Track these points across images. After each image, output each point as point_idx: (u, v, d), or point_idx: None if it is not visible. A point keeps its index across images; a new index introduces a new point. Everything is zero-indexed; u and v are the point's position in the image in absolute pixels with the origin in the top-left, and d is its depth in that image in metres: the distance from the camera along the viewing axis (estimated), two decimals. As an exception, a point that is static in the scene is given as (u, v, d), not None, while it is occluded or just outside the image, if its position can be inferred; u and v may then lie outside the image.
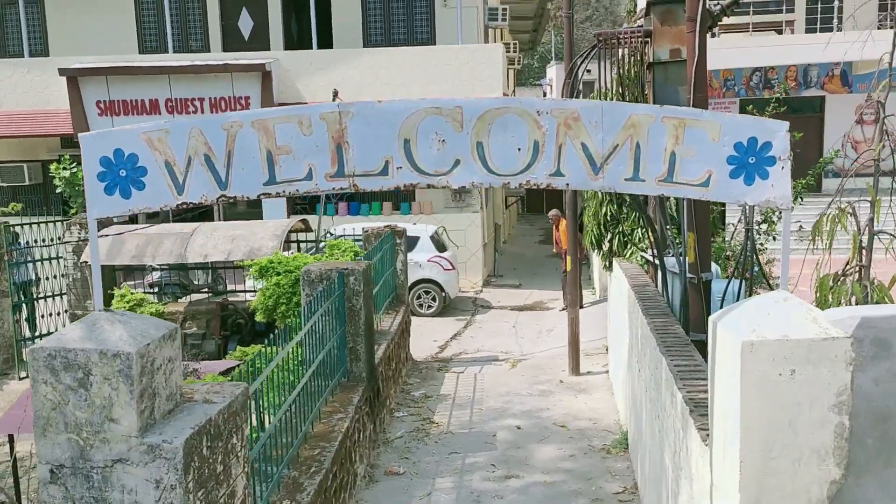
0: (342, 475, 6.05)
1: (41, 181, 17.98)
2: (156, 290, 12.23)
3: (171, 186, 2.92)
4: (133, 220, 17.32)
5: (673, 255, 7.17)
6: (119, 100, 16.47)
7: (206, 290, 12.51)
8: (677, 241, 8.03)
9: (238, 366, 5.65)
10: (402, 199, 17.59)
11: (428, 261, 14.61)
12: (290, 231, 11.50)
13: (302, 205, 17.79)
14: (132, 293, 10.76)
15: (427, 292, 14.70)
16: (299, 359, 6.72)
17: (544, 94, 63.33)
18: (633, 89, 7.45)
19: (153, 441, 2.98)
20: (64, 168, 15.18)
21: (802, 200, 10.28)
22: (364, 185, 3.02)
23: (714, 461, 3.23)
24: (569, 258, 10.41)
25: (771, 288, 6.12)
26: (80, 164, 14.03)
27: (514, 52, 25.44)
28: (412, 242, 14.62)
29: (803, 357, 2.75)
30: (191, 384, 3.67)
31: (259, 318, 8.88)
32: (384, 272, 10.28)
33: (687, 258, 6.18)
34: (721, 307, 5.99)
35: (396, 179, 3.01)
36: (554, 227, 15.65)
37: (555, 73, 62.39)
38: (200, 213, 15.57)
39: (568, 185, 3.04)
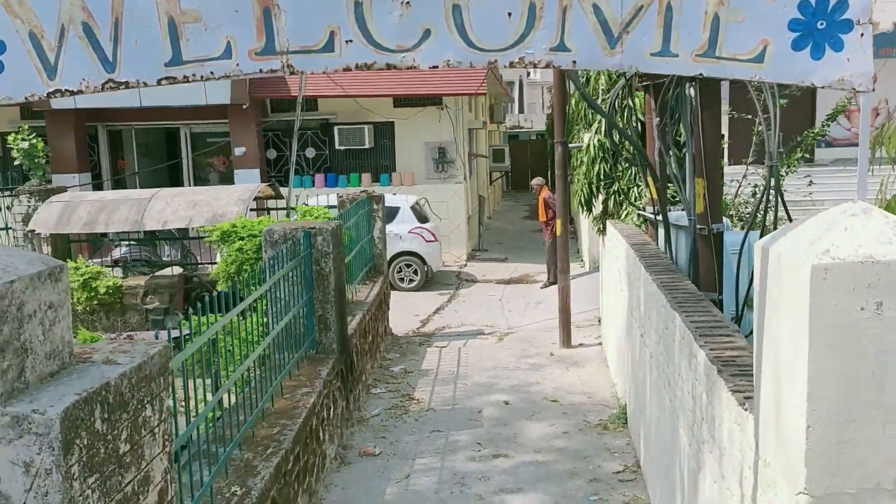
0: (307, 456, 5.32)
1: (0, 154, 17.01)
2: (121, 266, 11.39)
3: (40, 68, 2.15)
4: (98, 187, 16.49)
5: (678, 210, 6.47)
6: (79, 65, 15.49)
7: (174, 265, 11.69)
8: (677, 198, 7.33)
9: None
10: (381, 170, 16.80)
11: (409, 232, 13.84)
12: (260, 198, 10.69)
13: (277, 177, 16.94)
14: (87, 265, 9.94)
15: (408, 265, 13.95)
16: (261, 329, 6.00)
17: (528, 74, 62.51)
18: None
19: (19, 411, 2.22)
20: (23, 139, 14.20)
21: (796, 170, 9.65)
22: (301, 65, 2.26)
23: (761, 430, 2.52)
24: (558, 222, 9.68)
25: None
26: (39, 135, 13.07)
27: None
28: (392, 213, 13.84)
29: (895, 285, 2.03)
30: (94, 343, 2.90)
31: (221, 287, 8.09)
32: (360, 240, 9.52)
33: (695, 208, 5.47)
34: (738, 263, 5.30)
35: (345, 57, 2.25)
36: (538, 194, 14.84)
37: (539, 51, 61.59)
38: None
39: (575, 62, 2.29)
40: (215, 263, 10.84)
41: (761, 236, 5.12)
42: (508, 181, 33.83)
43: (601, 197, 9.24)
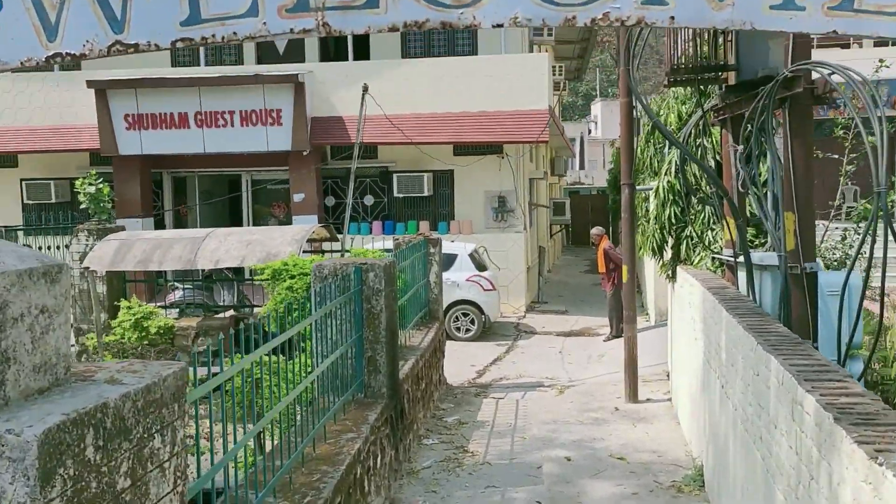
0: (349, 509, 4.85)
1: (68, 199, 17.43)
2: (177, 309, 11.30)
3: (39, 28, 1.85)
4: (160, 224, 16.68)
5: (761, 252, 5.89)
6: (148, 113, 15.86)
7: (228, 309, 11.54)
8: (757, 240, 6.75)
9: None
10: (440, 218, 16.54)
11: (466, 280, 13.42)
12: (315, 240, 10.49)
13: (335, 223, 16.87)
14: (140, 305, 9.82)
15: (465, 314, 13.49)
16: (307, 369, 5.63)
17: (589, 131, 62.64)
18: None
19: (-8, 430, 1.86)
20: (90, 184, 14.47)
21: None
22: (339, 24, 1.91)
23: (908, 489, 1.97)
24: (624, 268, 9.12)
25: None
26: (106, 180, 13.25)
27: (560, 75, 24.43)
28: (449, 260, 13.49)
29: None
30: (102, 363, 2.55)
31: (271, 328, 7.78)
32: (415, 283, 9.15)
33: (786, 244, 4.91)
34: (841, 305, 4.69)
35: (392, 15, 1.89)
36: (596, 247, 14.23)
37: (600, 109, 61.76)
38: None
39: (673, 18, 1.87)
40: (269, 307, 10.63)
41: (866, 274, 4.53)
42: (568, 236, 33.26)
43: (671, 242, 8.68)
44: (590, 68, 62.67)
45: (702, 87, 6.87)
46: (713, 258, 7.52)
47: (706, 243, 7.78)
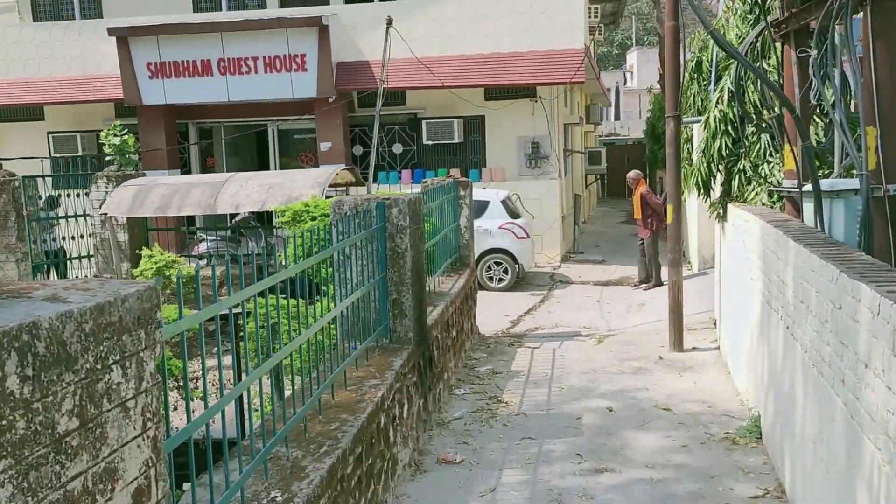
0: (372, 460, 4.43)
1: (95, 152, 17.17)
2: (203, 260, 10.98)
3: None
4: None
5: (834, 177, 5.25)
6: (170, 61, 15.41)
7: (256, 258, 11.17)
8: (822, 170, 6.09)
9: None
10: (471, 166, 15.94)
11: (499, 228, 12.87)
12: (339, 185, 10.02)
13: (363, 173, 16.39)
14: (162, 253, 9.49)
15: (498, 263, 12.97)
16: (326, 311, 5.21)
17: (625, 81, 60.94)
18: None
19: None
20: (114, 135, 14.14)
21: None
22: None
23: None
24: (669, 207, 8.47)
25: None
26: (132, 131, 12.88)
27: (595, 17, 23.35)
28: (481, 207, 12.94)
29: None
30: (53, 280, 2.06)
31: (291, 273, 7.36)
32: (444, 227, 8.64)
33: (867, 162, 4.27)
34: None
35: None
36: (633, 191, 13.43)
37: (636, 58, 59.97)
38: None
39: None
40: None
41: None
42: (604, 187, 32.40)
43: (720, 178, 8.01)
44: (625, 16, 60.84)
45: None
46: (770, 192, 6.87)
47: (762, 177, 7.12)
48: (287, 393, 4.20)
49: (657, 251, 12.63)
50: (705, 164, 7.83)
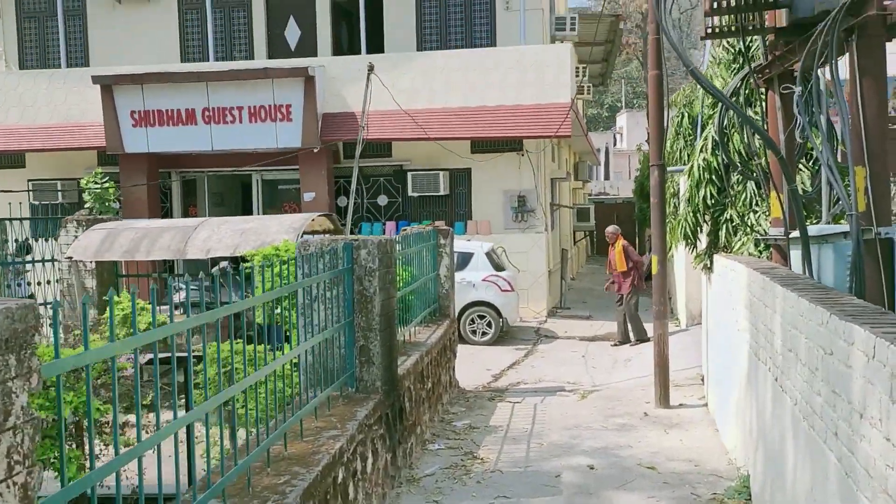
0: (326, 519, 4.04)
1: (76, 200, 16.95)
2: (181, 311, 10.62)
3: None
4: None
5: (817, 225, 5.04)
6: (154, 109, 15.32)
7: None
8: (809, 219, 5.90)
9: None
10: (457, 218, 15.77)
11: (483, 280, 12.61)
12: (316, 231, 9.75)
13: (343, 223, 16.18)
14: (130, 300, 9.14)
15: (481, 317, 12.65)
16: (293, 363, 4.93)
17: (615, 142, 61.81)
18: None
19: None
20: (94, 182, 13.95)
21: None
22: None
23: None
24: (654, 258, 8.23)
25: None
26: (112, 179, 12.69)
27: (583, 76, 23.62)
28: (465, 259, 12.71)
29: None
30: None
31: (258, 319, 7.04)
32: (422, 275, 8.37)
33: (857, 203, 4.05)
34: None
35: None
36: (610, 246, 13.11)
37: (625, 120, 60.97)
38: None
39: None
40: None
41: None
42: (593, 244, 32.33)
43: (706, 228, 7.81)
44: (615, 80, 62.05)
45: (745, 38, 6.03)
46: (757, 241, 6.65)
47: (749, 226, 6.91)
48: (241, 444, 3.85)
49: (637, 307, 12.34)
50: (691, 214, 7.63)
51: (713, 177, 7.32)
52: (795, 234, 5.38)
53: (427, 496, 5.63)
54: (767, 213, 6.80)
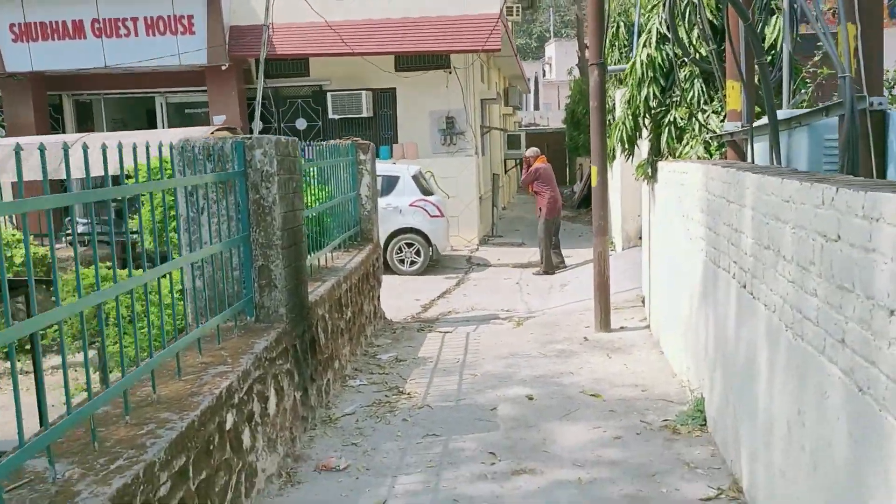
0: (208, 473, 3.24)
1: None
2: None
3: None
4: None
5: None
6: (36, 21, 13.60)
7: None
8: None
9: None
10: (382, 141, 14.78)
11: (410, 205, 11.78)
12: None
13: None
14: (4, 230, 7.97)
15: (409, 244, 11.87)
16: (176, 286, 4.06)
17: (544, 73, 61.05)
18: None
19: None
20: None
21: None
22: None
23: None
24: (593, 169, 7.51)
25: None
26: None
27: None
28: (390, 183, 11.84)
29: None
30: None
31: (147, 244, 6.05)
32: (340, 193, 7.48)
33: (850, 66, 3.35)
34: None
35: None
36: (525, 167, 12.19)
37: (554, 50, 60.06)
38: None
39: None
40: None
41: None
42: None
43: (647, 134, 7.14)
44: (543, 9, 60.84)
45: None
46: (707, 142, 6.01)
47: (696, 127, 6.25)
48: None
49: (548, 234, 11.64)
50: (630, 118, 6.93)
51: (657, 75, 6.59)
52: (757, 123, 4.73)
53: (346, 438, 4.89)
54: (719, 110, 6.16)
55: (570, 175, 31.43)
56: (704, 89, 6.34)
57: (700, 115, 6.28)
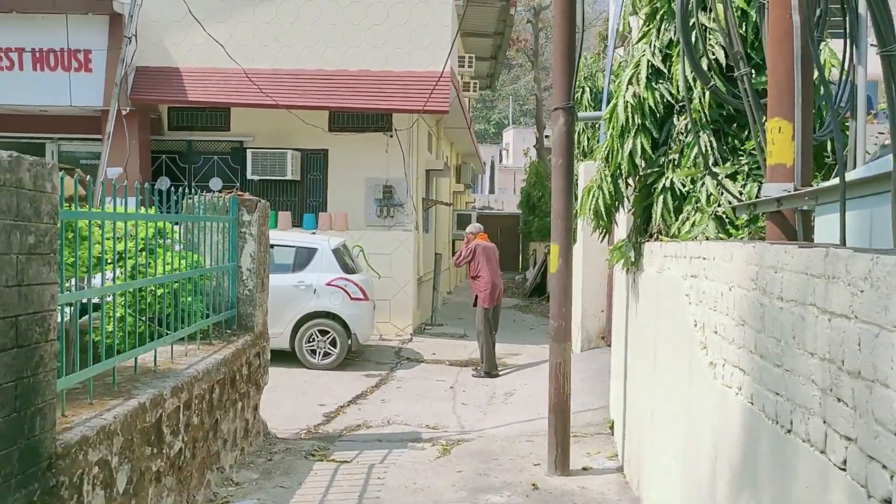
0: None
1: None
2: None
3: None
4: None
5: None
6: None
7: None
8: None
9: None
10: (308, 209, 12.76)
11: (327, 284, 9.65)
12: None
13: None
14: None
15: (323, 332, 9.67)
16: None
17: (501, 159, 60.93)
18: None
19: None
20: None
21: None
22: None
23: None
24: (554, 248, 5.52)
25: None
26: None
27: (470, 67, 21.12)
28: (305, 257, 9.76)
29: None
30: None
31: None
32: (213, 261, 5.35)
33: None
34: None
35: None
36: (465, 244, 10.22)
37: (511, 137, 60.04)
38: None
39: None
40: None
41: None
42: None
43: (629, 208, 5.25)
44: (502, 97, 61.08)
45: None
46: (724, 215, 4.11)
47: (702, 197, 4.36)
48: None
49: (489, 327, 9.66)
50: (609, 181, 5.03)
51: (647, 122, 4.75)
52: (825, 184, 2.85)
53: None
54: (735, 174, 4.30)
55: (524, 261, 29.86)
56: (712, 147, 4.50)
57: (708, 181, 4.39)
